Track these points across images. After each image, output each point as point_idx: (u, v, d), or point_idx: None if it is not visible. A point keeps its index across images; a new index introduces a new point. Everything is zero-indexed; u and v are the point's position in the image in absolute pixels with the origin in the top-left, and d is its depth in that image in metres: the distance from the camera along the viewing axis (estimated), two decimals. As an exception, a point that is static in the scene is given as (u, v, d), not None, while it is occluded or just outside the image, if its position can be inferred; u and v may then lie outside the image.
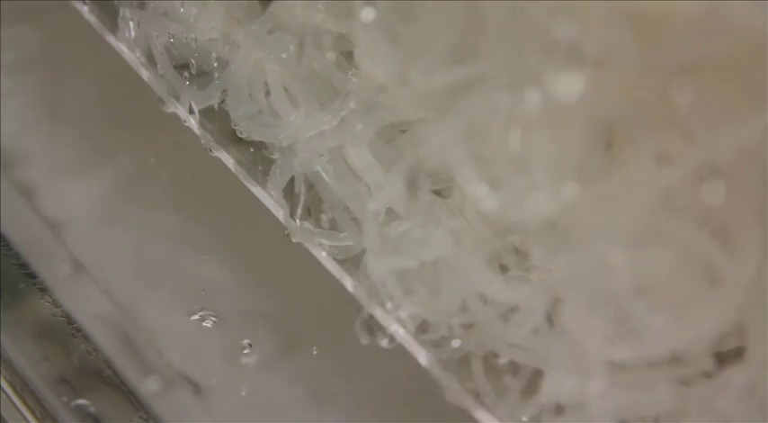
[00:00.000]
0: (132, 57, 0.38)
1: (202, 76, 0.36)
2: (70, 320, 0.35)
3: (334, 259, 0.34)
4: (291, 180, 0.34)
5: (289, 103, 0.33)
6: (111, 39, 0.39)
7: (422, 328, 0.32)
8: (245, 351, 0.34)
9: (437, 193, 0.31)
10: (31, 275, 0.35)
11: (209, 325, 0.35)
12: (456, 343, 0.31)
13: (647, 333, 0.27)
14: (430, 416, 0.32)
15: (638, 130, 0.25)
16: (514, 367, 0.30)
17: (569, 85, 0.24)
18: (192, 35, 0.35)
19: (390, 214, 0.31)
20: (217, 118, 0.36)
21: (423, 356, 0.32)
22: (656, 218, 0.25)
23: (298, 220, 0.34)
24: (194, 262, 0.37)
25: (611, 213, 0.26)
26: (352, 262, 0.33)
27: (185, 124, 0.37)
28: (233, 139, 0.35)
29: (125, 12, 0.37)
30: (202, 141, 0.36)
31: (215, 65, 0.35)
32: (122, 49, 0.38)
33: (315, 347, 0.34)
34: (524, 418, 0.29)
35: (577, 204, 0.26)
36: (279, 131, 0.34)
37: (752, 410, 0.26)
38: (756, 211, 0.25)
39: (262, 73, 0.33)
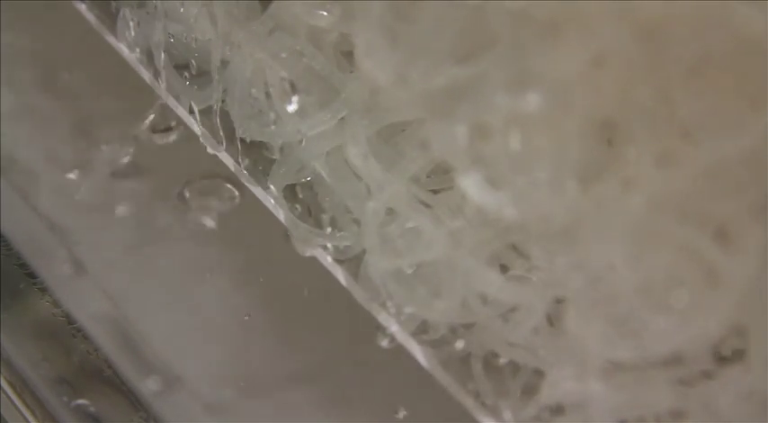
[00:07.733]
0: (132, 57, 0.38)
1: (202, 76, 0.36)
2: (70, 320, 0.35)
3: (335, 260, 0.34)
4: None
5: (289, 104, 0.33)
6: (111, 39, 0.39)
7: (422, 328, 0.32)
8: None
9: (437, 193, 0.31)
10: (31, 275, 0.35)
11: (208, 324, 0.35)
12: (456, 343, 0.31)
13: (648, 333, 0.27)
14: (430, 416, 0.32)
15: (638, 130, 0.25)
16: (514, 367, 0.30)
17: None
18: (192, 35, 0.35)
19: (390, 214, 0.31)
20: (217, 118, 0.36)
21: (423, 356, 0.32)
22: (656, 218, 0.25)
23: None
24: (194, 261, 0.36)
25: (611, 213, 0.26)
26: (353, 262, 0.33)
27: (185, 124, 0.37)
28: (233, 139, 0.35)
29: (125, 12, 0.37)
30: (201, 141, 0.36)
31: (215, 65, 0.35)
32: (122, 49, 0.38)
33: (315, 348, 0.34)
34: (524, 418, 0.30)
35: (577, 204, 0.26)
36: (279, 131, 0.34)
37: (752, 410, 0.26)
38: (756, 211, 0.25)
39: (262, 73, 0.33)
